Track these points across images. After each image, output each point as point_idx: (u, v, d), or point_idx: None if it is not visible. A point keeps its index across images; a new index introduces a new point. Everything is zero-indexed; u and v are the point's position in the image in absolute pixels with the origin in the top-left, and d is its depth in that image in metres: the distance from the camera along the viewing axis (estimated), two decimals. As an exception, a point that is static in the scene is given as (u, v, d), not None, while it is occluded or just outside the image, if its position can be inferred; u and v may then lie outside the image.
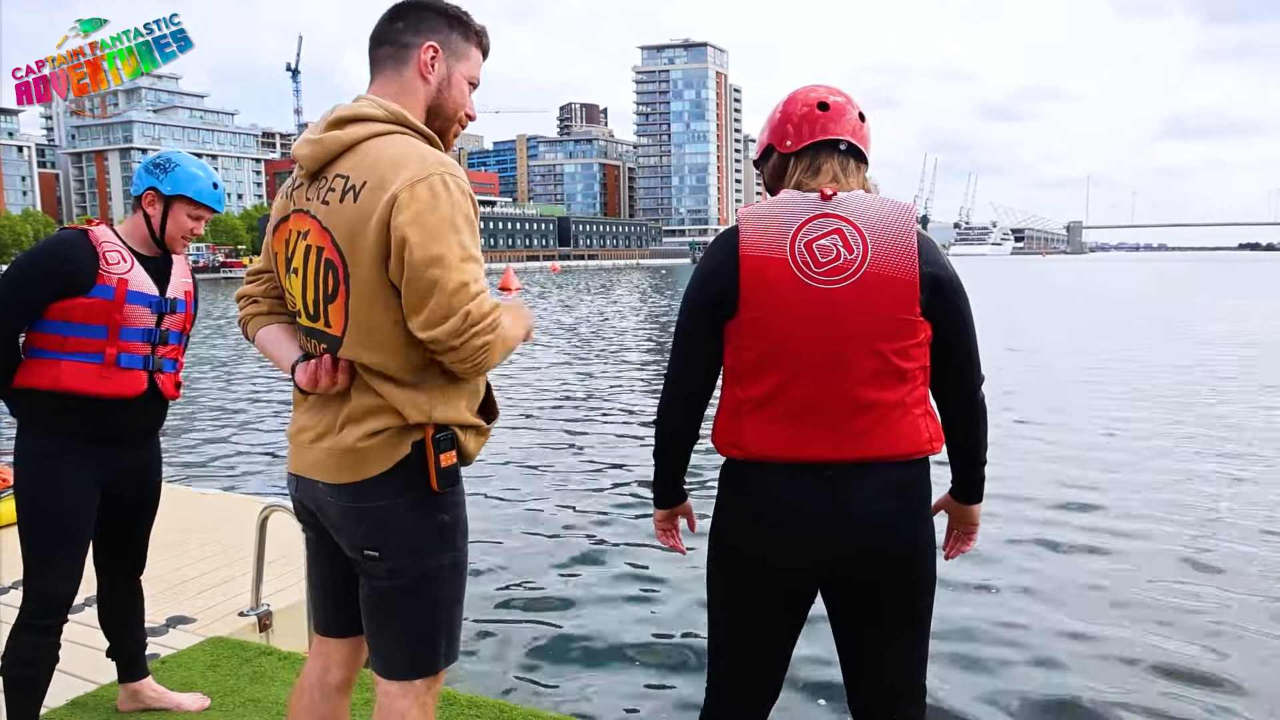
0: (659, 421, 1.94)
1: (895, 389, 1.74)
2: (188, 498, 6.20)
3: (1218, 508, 7.27)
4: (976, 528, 2.05)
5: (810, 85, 1.90)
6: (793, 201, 1.78)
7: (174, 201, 2.68)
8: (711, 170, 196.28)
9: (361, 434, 1.71)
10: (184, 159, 2.75)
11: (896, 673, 1.88)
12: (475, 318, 1.59)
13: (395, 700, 1.79)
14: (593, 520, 7.30)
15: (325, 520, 1.82)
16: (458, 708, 3.14)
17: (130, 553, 2.91)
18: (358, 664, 1.99)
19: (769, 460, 1.76)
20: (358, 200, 1.66)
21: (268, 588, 3.95)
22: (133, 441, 2.74)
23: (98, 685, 3.25)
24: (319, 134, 1.74)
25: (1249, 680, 4.36)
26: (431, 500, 1.76)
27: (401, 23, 1.79)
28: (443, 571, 1.78)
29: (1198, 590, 5.55)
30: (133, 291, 2.61)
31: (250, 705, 3.16)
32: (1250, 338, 20.99)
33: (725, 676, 1.95)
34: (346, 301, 1.68)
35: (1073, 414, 11.43)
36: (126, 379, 2.62)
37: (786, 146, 1.85)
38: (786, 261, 1.73)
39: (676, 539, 2.08)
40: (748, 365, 1.78)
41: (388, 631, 1.79)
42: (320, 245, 1.71)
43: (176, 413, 13.11)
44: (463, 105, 1.85)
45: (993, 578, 5.74)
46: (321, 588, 1.97)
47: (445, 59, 1.80)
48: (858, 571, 1.79)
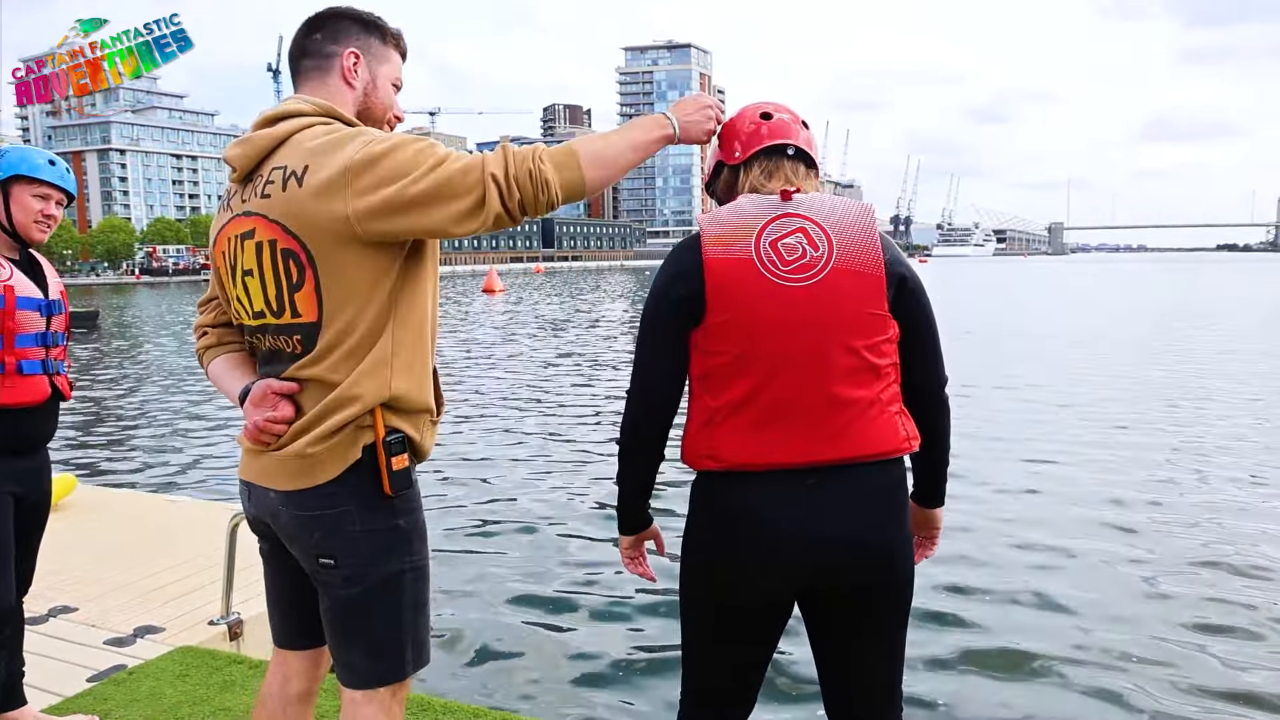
0: (626, 440, 1.86)
1: (870, 386, 1.74)
2: (156, 504, 6.13)
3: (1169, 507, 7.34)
4: (939, 531, 2.04)
5: (754, 103, 1.92)
6: (752, 204, 1.77)
7: (10, 186, 2.61)
8: (695, 172, 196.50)
9: (311, 439, 1.69)
10: (13, 147, 2.70)
11: (880, 679, 1.87)
12: (496, 165, 1.62)
13: (360, 708, 1.77)
14: (568, 523, 7.28)
15: (279, 529, 1.79)
16: (432, 713, 3.11)
17: (20, 571, 2.76)
18: (319, 674, 1.97)
19: (747, 469, 1.73)
20: (302, 184, 1.65)
21: (238, 596, 3.89)
22: (36, 449, 2.70)
23: (62, 698, 3.20)
24: (248, 135, 1.76)
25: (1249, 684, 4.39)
26: (385, 505, 1.73)
27: (320, 34, 1.83)
28: (403, 577, 1.76)
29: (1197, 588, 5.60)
30: (21, 297, 2.58)
31: (220, 714, 3.12)
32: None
33: (700, 691, 1.92)
34: (317, 283, 1.67)
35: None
36: (30, 386, 2.58)
37: (735, 157, 1.86)
38: (753, 262, 1.71)
39: (646, 566, 2.03)
40: (719, 370, 1.74)
41: (350, 641, 1.77)
42: (272, 238, 1.69)
43: (145, 418, 12.99)
44: (390, 106, 1.90)
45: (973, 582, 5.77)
46: (277, 599, 1.94)
47: (367, 63, 1.85)
48: (840, 580, 1.77)
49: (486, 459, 9.64)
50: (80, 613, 4.04)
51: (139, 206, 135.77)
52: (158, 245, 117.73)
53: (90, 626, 3.90)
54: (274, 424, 1.71)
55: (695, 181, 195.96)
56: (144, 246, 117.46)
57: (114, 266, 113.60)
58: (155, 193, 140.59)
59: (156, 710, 3.13)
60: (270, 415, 1.71)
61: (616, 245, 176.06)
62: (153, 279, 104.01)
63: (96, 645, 3.71)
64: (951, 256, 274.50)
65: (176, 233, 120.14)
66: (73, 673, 3.43)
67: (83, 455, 10.53)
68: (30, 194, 2.62)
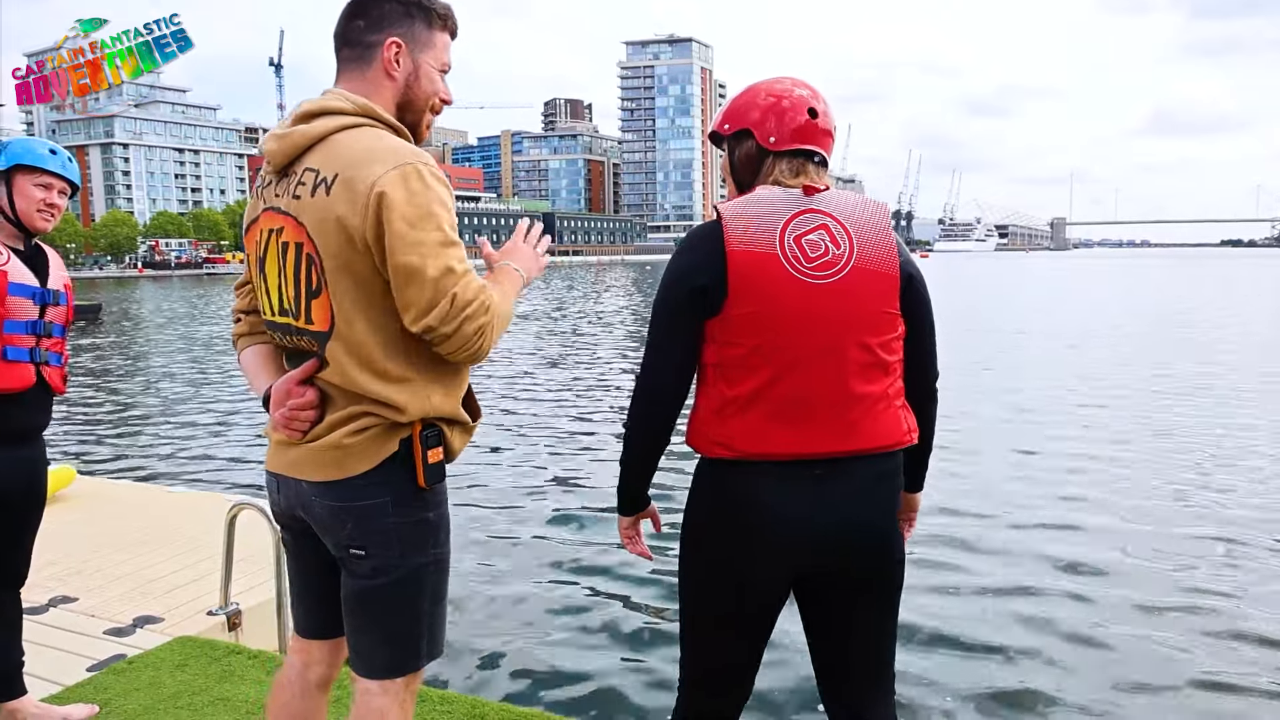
0: (635, 423, 1.87)
1: (880, 381, 1.77)
2: (155, 495, 6.15)
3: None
4: (917, 515, 2.14)
5: (794, 80, 1.88)
6: (776, 197, 1.78)
7: (13, 175, 2.63)
8: (696, 166, 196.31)
9: (347, 431, 1.68)
10: (16, 139, 2.71)
11: (875, 659, 1.91)
12: (462, 301, 1.58)
13: (374, 698, 1.77)
14: (567, 516, 7.30)
15: (311, 519, 1.78)
16: (429, 704, 3.12)
17: (12, 562, 2.75)
18: (338, 662, 1.96)
19: (760, 458, 1.75)
20: (329, 194, 1.63)
21: (237, 586, 3.90)
22: (21, 440, 2.67)
23: (62, 687, 3.21)
24: (286, 129, 1.72)
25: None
26: (417, 497, 1.73)
27: (362, 21, 1.75)
28: (426, 569, 1.76)
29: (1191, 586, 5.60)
30: (14, 283, 2.58)
31: (219, 704, 3.13)
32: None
33: (701, 676, 1.94)
34: (330, 294, 1.66)
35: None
36: (13, 372, 2.57)
37: (770, 143, 1.83)
38: (777, 257, 1.72)
39: (643, 545, 2.05)
40: (735, 361, 1.76)
41: (369, 630, 1.77)
42: (299, 241, 1.68)
43: (145, 410, 13.02)
44: (434, 94, 1.81)
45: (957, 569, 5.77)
46: (303, 590, 1.94)
47: (410, 52, 1.76)
48: (840, 561, 1.80)
49: (487, 450, 9.65)
50: (80, 603, 4.06)
51: (142, 200, 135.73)
52: (160, 239, 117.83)
53: (90, 616, 3.92)
54: (300, 411, 1.70)
55: (696, 176, 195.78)
56: (146, 240, 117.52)
57: (117, 260, 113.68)
58: (158, 187, 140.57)
59: (156, 700, 3.14)
60: (294, 403, 1.70)
61: (617, 239, 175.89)
62: (155, 272, 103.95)
63: (96, 635, 3.73)
64: (954, 251, 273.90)
65: (179, 226, 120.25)
66: (72, 662, 3.45)
67: (82, 446, 10.55)
68: (32, 183, 2.64)
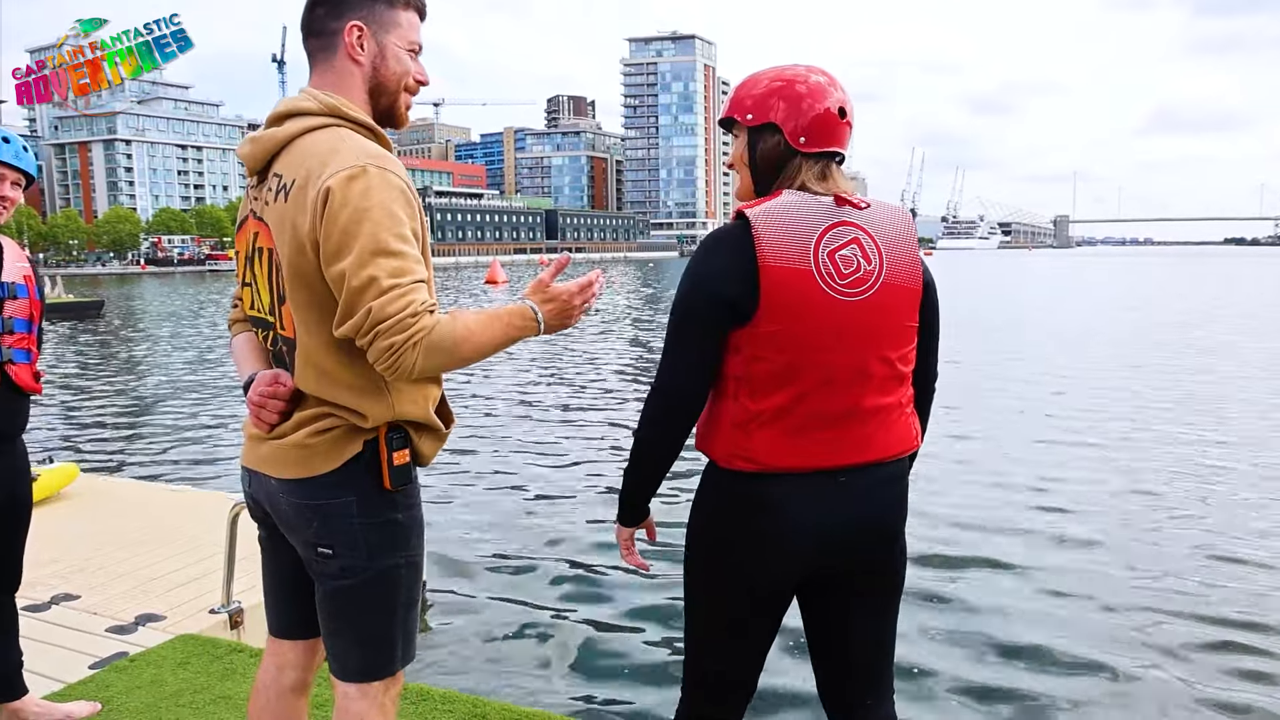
0: (648, 430, 1.80)
1: (895, 392, 1.78)
2: (158, 493, 6.17)
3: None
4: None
5: (823, 74, 1.80)
6: (808, 205, 1.73)
7: None
8: (699, 163, 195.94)
9: (311, 430, 1.68)
10: None
11: (876, 657, 1.91)
12: (378, 316, 1.49)
13: (353, 702, 1.77)
14: (569, 515, 7.29)
15: (278, 517, 1.80)
16: (431, 703, 3.12)
17: (3, 569, 2.71)
18: (313, 666, 1.97)
19: (783, 471, 1.74)
20: (288, 200, 1.62)
21: (239, 584, 3.90)
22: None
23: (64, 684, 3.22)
24: (259, 132, 1.72)
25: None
26: (384, 499, 1.73)
27: (323, 9, 1.72)
28: (398, 571, 1.76)
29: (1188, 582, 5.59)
30: None
31: (221, 702, 3.13)
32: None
33: (705, 677, 1.94)
34: (290, 304, 1.65)
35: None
36: None
37: (800, 143, 1.77)
38: (812, 274, 1.68)
39: (638, 556, 2.02)
40: (761, 375, 1.72)
41: (343, 632, 1.77)
42: (270, 247, 1.68)
43: (147, 407, 13.02)
44: (405, 74, 1.76)
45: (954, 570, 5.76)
46: (274, 588, 1.94)
47: (373, 35, 1.71)
48: (849, 558, 1.81)
49: (488, 451, 9.65)
50: (82, 600, 4.07)
51: (144, 197, 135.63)
52: (163, 235, 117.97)
53: (92, 614, 3.93)
54: (269, 400, 1.70)
55: (699, 173, 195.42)
56: (149, 237, 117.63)
57: (120, 257, 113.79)
58: (161, 183, 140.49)
59: (158, 697, 3.15)
60: (264, 389, 1.70)
61: (620, 237, 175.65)
62: (158, 269, 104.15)
63: (98, 633, 3.74)
64: (957, 249, 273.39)
65: (181, 223, 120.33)
66: (75, 660, 3.46)
67: (85, 444, 10.56)
68: None
